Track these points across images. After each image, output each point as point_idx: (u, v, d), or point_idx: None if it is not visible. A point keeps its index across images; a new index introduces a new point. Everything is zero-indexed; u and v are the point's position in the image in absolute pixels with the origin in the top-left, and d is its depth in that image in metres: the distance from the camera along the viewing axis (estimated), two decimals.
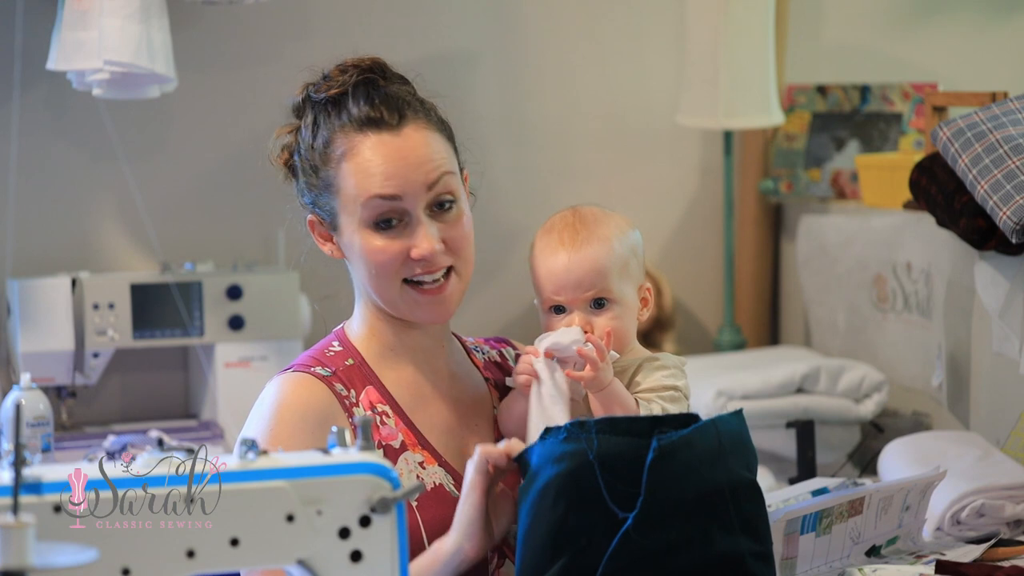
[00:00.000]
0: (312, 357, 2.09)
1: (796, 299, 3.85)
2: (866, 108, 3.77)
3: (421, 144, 2.04)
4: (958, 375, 3.13)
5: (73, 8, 3.13)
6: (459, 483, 2.05)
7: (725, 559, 1.79)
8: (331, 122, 2.06)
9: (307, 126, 2.09)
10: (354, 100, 2.05)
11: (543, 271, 2.10)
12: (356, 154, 2.03)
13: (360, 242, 2.04)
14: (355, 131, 2.04)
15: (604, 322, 2.08)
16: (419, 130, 2.05)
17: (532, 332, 2.36)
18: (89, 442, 3.28)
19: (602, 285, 2.08)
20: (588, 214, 2.13)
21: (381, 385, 2.08)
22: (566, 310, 2.10)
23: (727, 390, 3.27)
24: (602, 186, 3.86)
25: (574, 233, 2.10)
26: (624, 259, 2.10)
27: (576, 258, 2.08)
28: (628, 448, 1.79)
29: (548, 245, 2.11)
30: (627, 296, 2.10)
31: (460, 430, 2.11)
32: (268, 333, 3.40)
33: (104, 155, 3.47)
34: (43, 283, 3.31)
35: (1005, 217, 2.71)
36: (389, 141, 2.03)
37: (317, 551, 1.55)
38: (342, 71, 2.10)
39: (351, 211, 2.03)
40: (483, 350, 2.24)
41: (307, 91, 2.11)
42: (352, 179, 2.02)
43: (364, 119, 2.04)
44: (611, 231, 2.11)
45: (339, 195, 2.04)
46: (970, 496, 2.55)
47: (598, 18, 3.88)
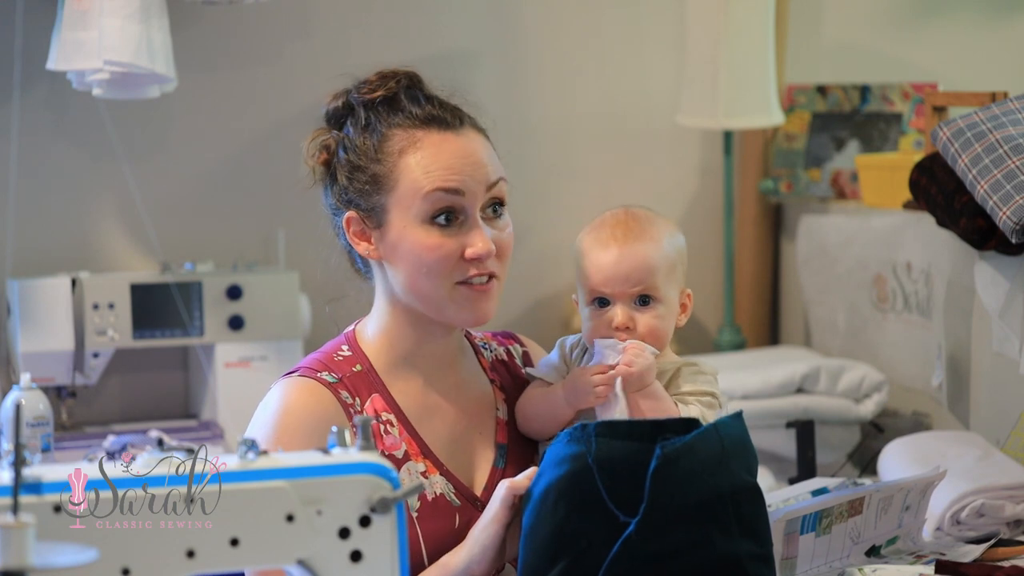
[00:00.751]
0: (320, 361, 2.08)
1: (796, 299, 3.86)
2: (866, 108, 3.77)
3: (481, 146, 2.08)
4: (958, 375, 3.13)
5: (73, 8, 3.13)
6: (460, 493, 2.06)
7: (725, 562, 1.79)
8: (386, 120, 2.07)
9: (355, 125, 2.09)
10: (411, 100, 2.08)
11: (591, 263, 2.11)
12: (419, 148, 2.04)
13: (413, 237, 2.03)
14: (417, 127, 2.06)
15: (647, 319, 2.09)
16: (477, 134, 2.10)
17: (532, 332, 2.37)
18: (89, 442, 3.28)
19: (650, 282, 2.08)
20: (640, 213, 2.15)
21: (388, 394, 2.07)
22: (609, 303, 2.10)
23: (727, 390, 3.27)
24: (602, 186, 3.87)
25: (626, 229, 2.11)
26: (672, 260, 2.11)
27: (627, 251, 2.09)
28: (629, 452, 1.79)
29: (599, 239, 2.12)
30: (671, 297, 2.11)
31: (464, 439, 2.11)
32: (268, 333, 3.40)
33: (104, 155, 3.47)
34: (43, 283, 3.31)
35: (1005, 217, 2.71)
36: (452, 139, 2.06)
37: (317, 551, 1.55)
38: (384, 77, 2.12)
39: (407, 205, 2.03)
40: (491, 347, 2.24)
41: (349, 95, 2.11)
42: (413, 172, 2.03)
43: (427, 116, 2.06)
44: (661, 232, 2.12)
45: (394, 190, 2.04)
46: (970, 496, 2.55)
47: (598, 18, 3.88)
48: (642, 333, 2.08)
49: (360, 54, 3.62)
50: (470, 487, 2.09)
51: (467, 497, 2.07)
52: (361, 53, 3.63)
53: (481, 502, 2.07)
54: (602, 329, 2.09)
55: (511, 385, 2.19)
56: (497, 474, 2.11)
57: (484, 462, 2.12)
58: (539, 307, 3.74)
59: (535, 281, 3.76)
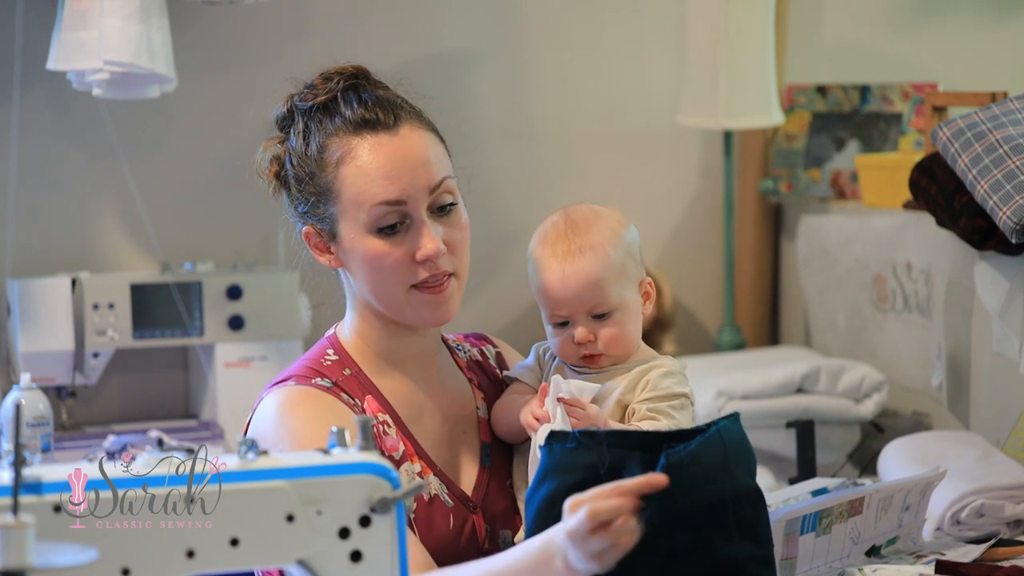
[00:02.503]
0: (309, 368, 2.05)
1: (796, 299, 3.85)
2: (866, 108, 3.77)
3: (419, 145, 2.02)
4: (958, 375, 3.13)
5: (73, 8, 3.13)
6: (453, 493, 2.05)
7: (725, 565, 1.79)
8: (324, 127, 2.03)
9: (297, 134, 2.05)
10: (346, 103, 2.03)
11: (540, 283, 2.08)
12: (354, 157, 2.00)
13: (363, 248, 2.01)
14: (351, 134, 2.01)
15: (607, 332, 2.07)
16: (415, 130, 2.03)
17: (532, 332, 2.37)
18: (89, 442, 3.28)
19: (600, 298, 2.06)
20: (580, 219, 2.09)
21: (380, 395, 2.06)
22: (567, 322, 2.08)
23: (727, 390, 3.27)
24: (602, 186, 3.86)
25: (567, 244, 2.06)
26: (620, 264, 2.07)
27: (571, 271, 2.05)
28: (641, 463, 1.77)
29: (543, 258, 2.08)
30: (628, 300, 2.08)
31: (451, 439, 2.10)
32: (268, 333, 3.40)
33: (104, 155, 3.47)
34: (43, 283, 3.31)
35: (1005, 217, 2.71)
36: (387, 142, 2.00)
37: (317, 551, 1.55)
38: (326, 79, 2.07)
39: (352, 216, 2.00)
40: (464, 348, 2.22)
41: (292, 101, 2.07)
42: (352, 184, 2.00)
43: (359, 121, 2.01)
44: (604, 236, 2.07)
45: (338, 200, 2.01)
46: (970, 496, 2.54)
47: (598, 18, 3.88)
48: (605, 344, 2.07)
49: (360, 54, 3.60)
50: (460, 487, 2.08)
51: (459, 497, 2.06)
52: (361, 53, 3.60)
53: (473, 502, 2.07)
54: (567, 346, 2.08)
55: (488, 384, 2.18)
56: (485, 473, 2.10)
57: (471, 462, 2.11)
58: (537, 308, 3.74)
59: None
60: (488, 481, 2.10)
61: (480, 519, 2.07)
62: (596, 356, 2.08)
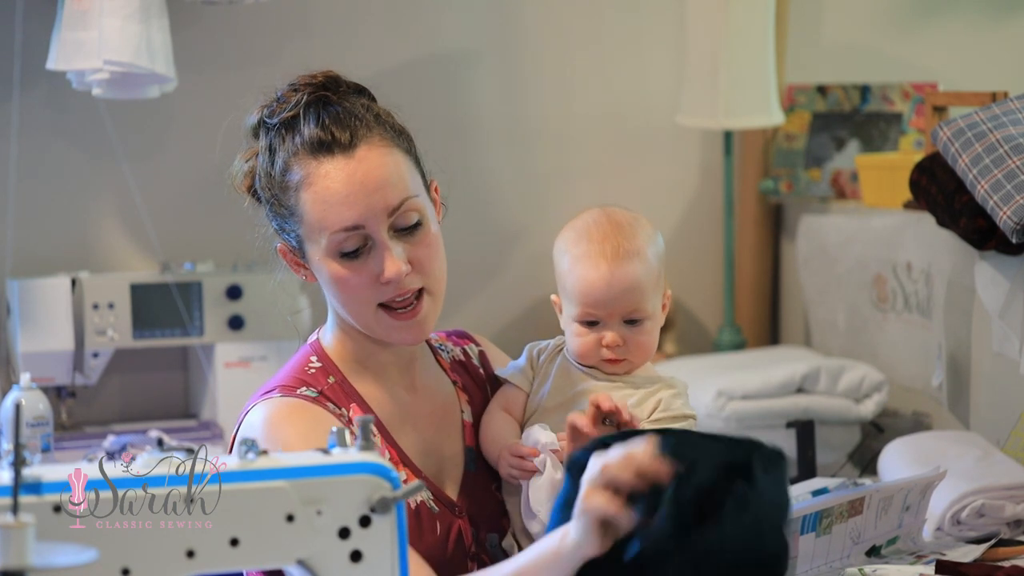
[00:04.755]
0: (294, 377, 2.04)
1: (796, 299, 3.85)
2: (866, 108, 3.77)
3: (377, 166, 1.98)
4: (958, 375, 3.13)
5: (73, 8, 3.13)
6: (439, 499, 2.04)
7: None
8: (285, 147, 2.01)
9: (263, 151, 2.05)
10: (306, 121, 2.00)
11: (580, 281, 2.05)
12: (312, 183, 1.98)
13: (327, 270, 2.00)
14: (309, 157, 1.98)
15: (637, 338, 2.06)
16: (374, 148, 1.98)
17: (531, 332, 2.36)
18: (89, 442, 3.28)
19: (638, 304, 2.05)
20: (623, 222, 2.08)
21: (363, 402, 2.04)
22: (598, 323, 2.07)
23: (727, 390, 3.27)
24: (602, 186, 3.86)
25: (615, 245, 2.04)
26: (657, 272, 2.07)
27: (618, 273, 2.03)
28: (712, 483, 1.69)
29: (589, 255, 2.05)
30: (657, 309, 2.08)
31: (434, 444, 2.09)
32: (268, 333, 3.40)
33: (104, 155, 3.47)
34: (43, 283, 3.31)
35: (1005, 217, 2.71)
36: (343, 166, 1.97)
37: (317, 551, 1.55)
38: (294, 90, 2.04)
39: (315, 240, 1.99)
40: (447, 348, 2.20)
41: (262, 113, 2.06)
42: (311, 209, 1.98)
43: (316, 143, 1.98)
44: (647, 242, 2.06)
45: (302, 223, 2.00)
46: (970, 496, 2.54)
47: (598, 18, 3.88)
48: (632, 351, 2.06)
49: (360, 54, 3.63)
50: (446, 492, 2.07)
51: (445, 503, 2.05)
52: (361, 53, 3.63)
53: (458, 507, 2.06)
54: (591, 346, 2.06)
55: (472, 386, 2.17)
56: (469, 478, 2.09)
57: (455, 467, 2.10)
58: (538, 308, 3.73)
59: (534, 282, 3.75)
60: (473, 485, 2.09)
61: (466, 524, 2.05)
62: (619, 361, 2.07)
